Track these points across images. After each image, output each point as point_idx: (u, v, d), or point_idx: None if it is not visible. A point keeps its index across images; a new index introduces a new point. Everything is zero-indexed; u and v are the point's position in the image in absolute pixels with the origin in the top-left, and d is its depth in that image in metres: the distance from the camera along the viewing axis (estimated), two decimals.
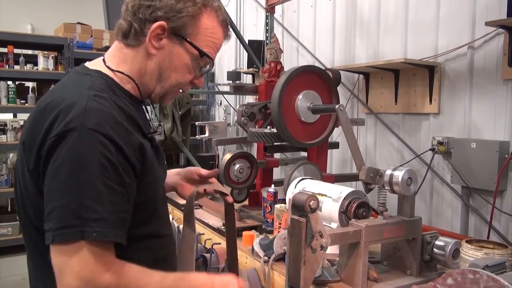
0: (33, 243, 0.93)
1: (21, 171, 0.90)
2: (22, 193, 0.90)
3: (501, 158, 2.01)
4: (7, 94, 4.05)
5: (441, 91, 2.38)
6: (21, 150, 0.90)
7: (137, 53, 0.96)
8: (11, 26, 4.94)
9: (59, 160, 0.79)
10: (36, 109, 0.91)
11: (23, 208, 0.92)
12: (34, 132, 0.85)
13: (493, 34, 2.11)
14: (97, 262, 0.78)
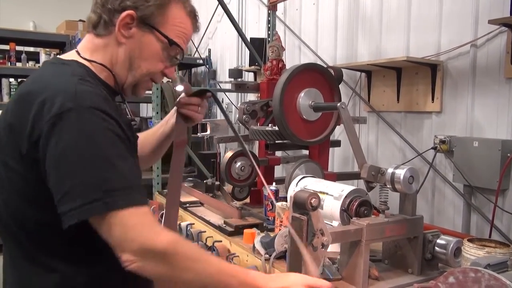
0: (15, 244, 0.92)
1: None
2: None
3: (504, 156, 2.00)
4: (9, 91, 4.05)
5: (443, 90, 2.37)
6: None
7: (107, 42, 0.98)
8: (13, 24, 4.94)
9: (63, 141, 0.78)
10: (14, 100, 0.90)
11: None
12: (14, 124, 0.85)
13: (496, 32, 2.10)
14: (138, 227, 0.79)
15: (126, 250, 0.79)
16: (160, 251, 0.80)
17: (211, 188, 2.40)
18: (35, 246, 0.89)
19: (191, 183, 2.58)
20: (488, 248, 1.08)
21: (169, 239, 0.82)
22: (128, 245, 0.79)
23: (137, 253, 0.79)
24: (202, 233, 1.92)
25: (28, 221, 0.87)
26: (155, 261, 0.80)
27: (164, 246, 0.80)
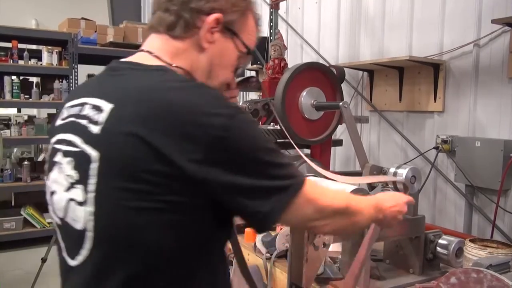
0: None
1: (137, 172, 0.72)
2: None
3: (506, 157, 2.00)
4: (11, 89, 4.05)
5: (446, 89, 2.37)
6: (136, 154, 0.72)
7: (188, 46, 0.87)
8: (15, 21, 4.94)
9: (241, 146, 0.73)
10: (147, 119, 0.73)
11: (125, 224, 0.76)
12: (164, 136, 0.71)
13: (499, 32, 2.10)
14: (321, 196, 0.84)
15: (320, 219, 0.85)
16: (343, 208, 0.89)
17: None
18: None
19: None
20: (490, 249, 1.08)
21: (344, 196, 0.95)
22: (320, 214, 0.85)
23: (329, 217, 0.86)
24: None
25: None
26: (342, 218, 0.90)
27: (344, 203, 0.90)
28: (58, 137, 0.84)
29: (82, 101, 0.83)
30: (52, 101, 4.28)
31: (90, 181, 0.74)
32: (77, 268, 0.80)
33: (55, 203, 0.83)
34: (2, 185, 4.05)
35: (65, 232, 0.83)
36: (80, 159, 0.77)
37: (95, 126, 0.76)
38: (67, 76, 4.30)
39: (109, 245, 0.76)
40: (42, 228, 4.13)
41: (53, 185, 0.83)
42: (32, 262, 3.38)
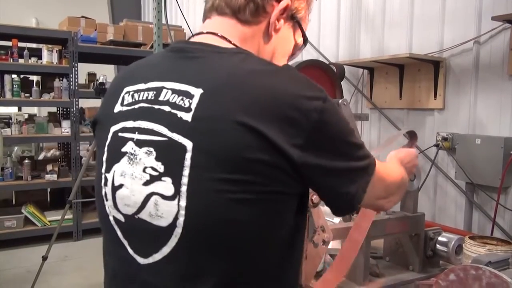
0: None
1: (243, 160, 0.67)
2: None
3: (506, 154, 2.00)
4: (11, 88, 4.05)
5: (446, 87, 2.37)
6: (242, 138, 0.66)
7: (255, 32, 0.82)
8: (16, 20, 4.94)
9: (334, 129, 0.71)
10: (247, 99, 0.68)
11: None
12: (269, 118, 0.67)
13: (500, 29, 2.09)
14: (386, 176, 0.86)
15: (386, 196, 0.87)
16: (400, 181, 0.92)
17: None
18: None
19: None
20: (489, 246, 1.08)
21: (398, 169, 0.97)
22: (387, 192, 0.87)
23: (392, 193, 0.89)
24: None
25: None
26: (399, 191, 0.93)
27: (400, 176, 0.94)
28: (123, 124, 0.76)
29: (156, 86, 0.74)
30: (53, 100, 4.28)
31: (183, 172, 0.67)
32: (151, 266, 0.73)
33: (121, 198, 0.75)
34: (3, 184, 4.05)
35: (132, 229, 0.75)
36: (166, 149, 0.69)
37: (184, 113, 0.69)
38: (67, 75, 4.29)
39: (200, 241, 0.69)
40: (43, 226, 4.14)
41: (120, 178, 0.74)
42: (33, 260, 3.39)
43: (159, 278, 0.73)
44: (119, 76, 0.90)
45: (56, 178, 4.18)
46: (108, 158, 0.77)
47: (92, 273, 3.49)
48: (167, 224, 0.70)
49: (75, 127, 4.26)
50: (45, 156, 4.96)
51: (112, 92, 0.82)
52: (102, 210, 0.80)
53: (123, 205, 0.75)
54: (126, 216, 0.75)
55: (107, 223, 0.79)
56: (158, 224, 0.71)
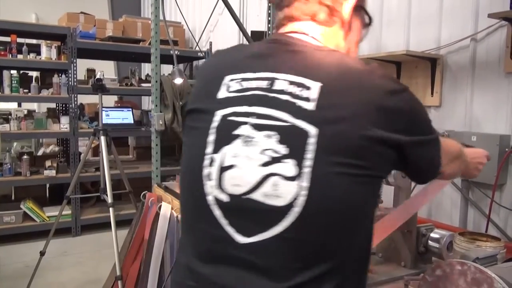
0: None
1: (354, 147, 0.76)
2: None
3: (502, 151, 2.00)
4: (10, 83, 4.05)
5: (442, 84, 2.37)
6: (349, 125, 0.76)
7: (333, 31, 0.91)
8: (15, 16, 4.94)
9: (421, 111, 0.84)
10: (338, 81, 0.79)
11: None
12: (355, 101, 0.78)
13: (496, 27, 2.09)
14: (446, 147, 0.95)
15: (446, 164, 0.94)
16: (458, 153, 1.04)
17: None
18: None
19: None
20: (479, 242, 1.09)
21: (455, 143, 1.06)
22: (447, 159, 0.94)
23: (451, 161, 0.99)
24: None
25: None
26: (456, 162, 1.03)
27: (458, 148, 1.05)
28: (234, 109, 0.81)
29: (268, 76, 0.82)
30: (51, 96, 4.29)
31: (306, 155, 0.74)
32: (253, 245, 0.76)
33: (230, 178, 0.78)
34: (2, 179, 4.06)
35: (237, 208, 0.78)
36: (290, 134, 0.76)
37: (305, 102, 0.76)
38: (66, 71, 4.30)
39: (318, 221, 0.75)
40: (42, 222, 4.15)
41: (232, 159, 0.79)
42: (32, 255, 3.41)
43: (262, 258, 0.76)
44: (213, 65, 0.95)
45: (54, 174, 4.19)
46: (216, 139, 0.81)
47: (91, 269, 3.51)
48: (284, 203, 0.74)
49: (74, 123, 4.27)
50: (44, 152, 4.97)
51: (209, 79, 0.88)
52: (198, 191, 0.82)
53: (232, 185, 0.78)
54: (232, 196, 0.78)
55: (201, 204, 0.81)
56: (274, 204, 0.75)
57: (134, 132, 4.90)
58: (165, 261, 2.15)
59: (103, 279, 2.75)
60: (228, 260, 0.79)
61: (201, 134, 0.83)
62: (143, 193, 2.43)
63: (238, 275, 0.78)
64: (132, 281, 2.34)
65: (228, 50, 0.94)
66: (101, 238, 4.18)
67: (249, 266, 0.77)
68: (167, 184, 2.51)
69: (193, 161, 0.84)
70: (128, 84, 4.86)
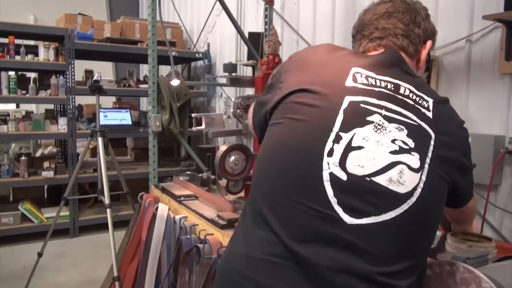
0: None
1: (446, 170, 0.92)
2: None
3: (496, 152, 2.01)
4: (8, 85, 4.06)
5: (438, 85, 2.38)
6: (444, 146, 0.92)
7: (414, 63, 1.08)
8: (14, 17, 4.94)
9: (470, 145, 1.02)
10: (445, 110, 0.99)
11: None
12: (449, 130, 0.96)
13: (491, 28, 2.10)
14: None
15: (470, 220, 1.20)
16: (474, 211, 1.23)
17: (207, 181, 2.41)
18: None
19: (187, 177, 2.59)
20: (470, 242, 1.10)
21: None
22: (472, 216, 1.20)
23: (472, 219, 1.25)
24: (195, 226, 1.94)
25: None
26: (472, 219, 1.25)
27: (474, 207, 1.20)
28: (364, 99, 0.90)
29: (392, 81, 0.94)
30: (49, 97, 4.29)
31: (428, 154, 0.86)
32: (360, 228, 0.79)
33: (355, 158, 0.83)
34: (0, 180, 4.07)
35: (355, 188, 0.82)
36: (417, 132, 0.87)
37: (426, 111, 0.91)
38: (63, 72, 4.30)
39: (425, 212, 0.84)
40: (40, 223, 4.16)
41: (362, 141, 0.85)
42: (30, 256, 3.41)
43: (367, 240, 0.79)
44: (333, 54, 1.06)
45: (52, 175, 4.19)
46: (345, 120, 0.87)
47: (89, 270, 3.52)
48: (405, 191, 0.82)
49: (72, 124, 4.28)
50: (42, 153, 4.98)
51: (331, 66, 0.99)
52: (312, 165, 0.84)
53: (355, 165, 0.83)
54: (353, 176, 0.82)
55: (311, 179, 0.84)
56: (396, 190, 0.82)
57: (132, 133, 4.91)
58: (162, 262, 2.15)
59: (101, 280, 2.75)
60: (327, 239, 0.80)
61: (327, 112, 0.88)
62: (140, 194, 2.44)
63: (333, 254, 0.79)
64: (129, 281, 2.35)
65: (339, 47, 1.09)
66: (99, 239, 4.18)
67: (348, 247, 0.78)
68: (164, 185, 2.52)
69: (311, 135, 0.86)
70: (126, 85, 4.87)
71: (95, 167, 4.05)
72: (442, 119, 0.92)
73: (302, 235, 0.81)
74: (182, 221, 2.02)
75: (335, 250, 0.78)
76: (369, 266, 0.77)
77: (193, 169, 4.24)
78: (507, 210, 2.03)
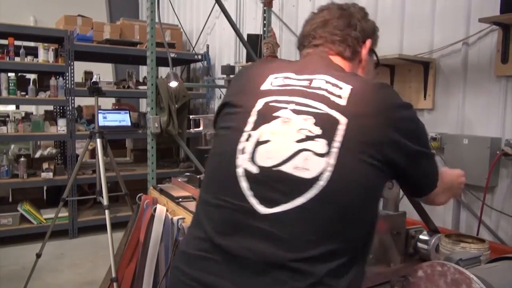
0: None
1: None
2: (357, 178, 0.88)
3: (493, 154, 2.02)
4: (7, 86, 4.07)
5: (435, 87, 2.39)
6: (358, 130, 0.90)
7: (354, 65, 1.13)
8: (14, 19, 4.95)
9: (420, 128, 0.98)
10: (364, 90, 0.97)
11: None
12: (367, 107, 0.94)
13: (487, 31, 2.11)
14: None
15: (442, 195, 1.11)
16: (450, 183, 1.18)
17: None
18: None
19: (186, 178, 2.60)
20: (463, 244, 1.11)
21: (451, 173, 1.21)
22: (442, 189, 1.09)
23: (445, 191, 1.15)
24: (183, 220, 1.95)
25: None
26: (448, 192, 1.18)
27: (450, 180, 1.18)
28: (276, 98, 0.96)
29: (308, 77, 0.98)
30: (49, 98, 4.30)
31: (336, 138, 0.87)
32: (273, 216, 0.84)
33: (264, 151, 0.89)
34: None
35: (265, 179, 0.87)
36: (324, 119, 0.89)
37: (338, 98, 0.92)
38: (63, 73, 4.31)
39: (337, 196, 0.84)
40: (39, 224, 4.16)
41: (269, 135, 0.91)
42: (29, 257, 3.42)
43: (281, 228, 0.83)
44: (258, 67, 1.13)
45: (52, 176, 4.20)
46: (257, 120, 0.94)
47: (87, 271, 3.52)
48: (311, 176, 0.84)
49: (71, 125, 4.29)
50: (42, 154, 4.98)
51: (253, 77, 1.05)
52: (229, 164, 0.92)
53: (265, 158, 0.89)
54: (262, 168, 0.88)
55: (229, 176, 0.91)
56: (301, 176, 0.85)
57: (131, 134, 4.92)
58: (160, 263, 2.16)
59: (100, 281, 2.76)
60: (246, 230, 0.85)
61: (242, 116, 0.95)
62: (138, 195, 2.45)
63: (253, 245, 0.83)
64: (127, 282, 2.36)
65: (272, 59, 1.17)
66: (98, 240, 4.19)
67: (265, 236, 0.83)
68: (163, 186, 2.53)
69: (230, 138, 0.95)
70: (125, 87, 4.88)
71: (94, 168, 4.06)
72: (362, 103, 0.92)
73: (224, 229, 0.88)
74: (180, 222, 2.03)
75: (253, 241, 0.83)
76: (282, 253, 0.81)
77: (191, 170, 4.24)
78: (503, 212, 2.04)
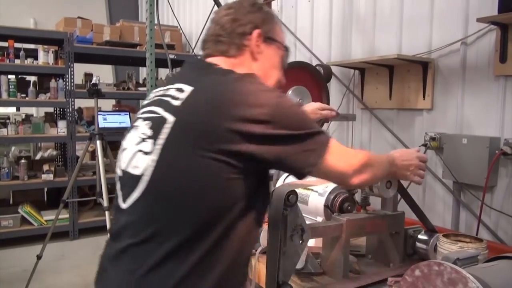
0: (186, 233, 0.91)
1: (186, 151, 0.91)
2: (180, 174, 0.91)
3: (491, 154, 2.02)
4: (7, 88, 4.08)
5: (434, 87, 2.39)
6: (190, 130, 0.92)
7: (243, 60, 1.11)
8: (14, 21, 4.97)
9: (273, 112, 0.95)
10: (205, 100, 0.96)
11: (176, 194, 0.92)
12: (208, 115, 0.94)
13: (486, 30, 2.12)
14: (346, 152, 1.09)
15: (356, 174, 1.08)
16: (366, 161, 1.10)
17: None
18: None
19: None
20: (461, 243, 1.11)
21: (363, 152, 1.14)
22: (352, 169, 1.07)
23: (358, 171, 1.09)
24: None
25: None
26: (367, 170, 1.10)
27: (366, 157, 1.11)
28: (144, 110, 1.06)
29: (169, 86, 1.04)
30: (49, 100, 4.31)
31: (160, 136, 0.94)
32: (127, 210, 0.98)
33: (122, 158, 1.03)
34: (0, 183, 4.08)
35: (124, 181, 1.01)
36: (157, 121, 0.97)
37: (175, 100, 0.97)
38: (63, 75, 4.32)
39: (161, 189, 0.92)
40: (39, 226, 4.17)
41: (126, 143, 1.04)
42: (29, 259, 3.42)
43: (130, 218, 0.97)
44: (170, 79, 1.21)
45: (52, 178, 4.21)
46: (127, 132, 1.08)
47: (88, 272, 3.52)
48: (139, 173, 0.95)
49: (71, 127, 4.29)
50: (42, 156, 4.99)
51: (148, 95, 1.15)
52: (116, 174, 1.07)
53: (123, 162, 1.02)
54: (123, 171, 1.02)
55: (116, 181, 1.06)
56: (134, 173, 0.97)
57: None
58: None
59: None
60: (119, 222, 1.00)
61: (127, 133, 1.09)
62: None
63: (117, 237, 0.98)
64: None
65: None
66: (99, 241, 4.18)
67: (125, 227, 0.97)
68: None
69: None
70: (125, 88, 4.89)
71: (95, 169, 4.07)
72: (197, 101, 0.94)
73: (114, 222, 1.04)
74: None
75: (120, 234, 0.98)
76: (127, 240, 0.94)
77: None
78: (502, 211, 2.04)
